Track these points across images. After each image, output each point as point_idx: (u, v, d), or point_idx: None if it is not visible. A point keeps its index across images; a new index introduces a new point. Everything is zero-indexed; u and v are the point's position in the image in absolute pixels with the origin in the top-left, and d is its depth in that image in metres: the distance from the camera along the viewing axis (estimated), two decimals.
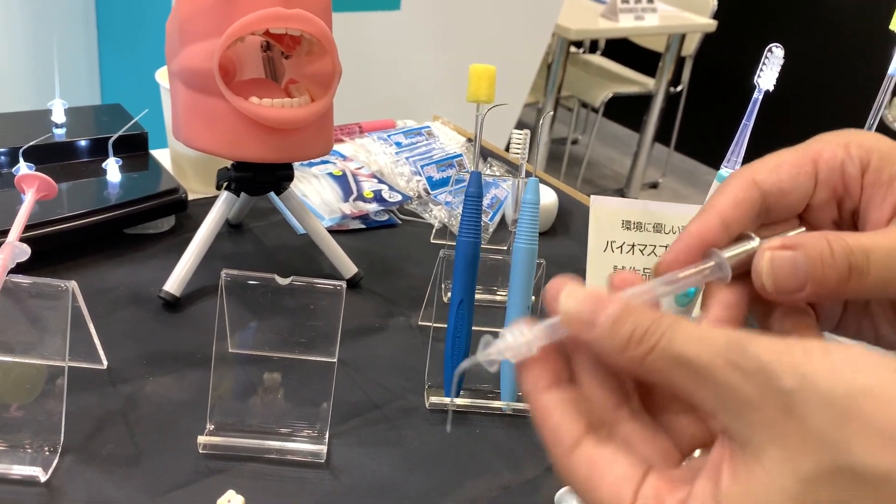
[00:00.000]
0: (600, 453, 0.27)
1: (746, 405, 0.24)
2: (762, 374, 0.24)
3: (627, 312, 0.27)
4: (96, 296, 0.71)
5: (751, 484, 0.24)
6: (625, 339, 0.27)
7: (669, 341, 0.26)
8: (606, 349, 0.27)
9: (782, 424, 0.23)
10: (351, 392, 0.64)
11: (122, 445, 0.56)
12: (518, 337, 0.29)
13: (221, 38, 0.62)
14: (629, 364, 0.27)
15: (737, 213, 0.32)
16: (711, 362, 0.25)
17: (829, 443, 0.23)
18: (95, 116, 0.90)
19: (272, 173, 0.71)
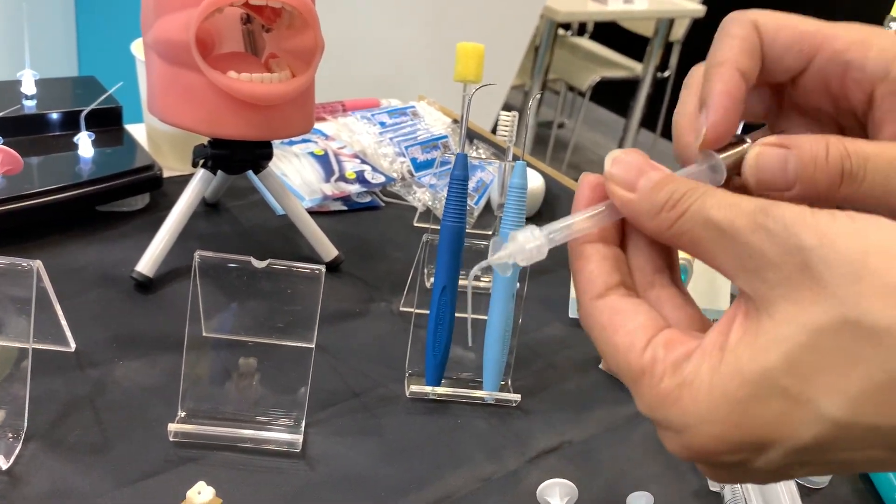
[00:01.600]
0: (625, 303, 0.29)
1: (766, 263, 0.25)
2: (785, 233, 0.24)
3: (668, 179, 0.28)
4: (66, 275, 0.68)
5: (758, 334, 0.25)
6: (660, 203, 0.28)
7: (701, 205, 0.27)
8: (642, 211, 0.28)
9: (797, 281, 0.24)
10: (329, 379, 0.62)
11: (89, 432, 0.54)
12: (530, 240, 0.29)
13: (198, 9, 0.59)
14: (659, 227, 0.28)
15: (751, 63, 0.31)
16: (738, 224, 0.25)
17: (839, 298, 0.23)
18: (68, 89, 0.87)
19: (251, 151, 0.69)
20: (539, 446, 0.60)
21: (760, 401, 0.24)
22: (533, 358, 0.69)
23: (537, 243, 0.29)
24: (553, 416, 0.63)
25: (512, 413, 0.62)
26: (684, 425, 0.26)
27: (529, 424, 0.61)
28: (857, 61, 0.31)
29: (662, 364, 0.27)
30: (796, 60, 0.32)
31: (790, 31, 0.32)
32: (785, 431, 0.24)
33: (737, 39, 0.32)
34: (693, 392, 0.26)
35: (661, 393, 0.26)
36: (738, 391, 0.25)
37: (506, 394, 0.63)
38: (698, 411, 0.26)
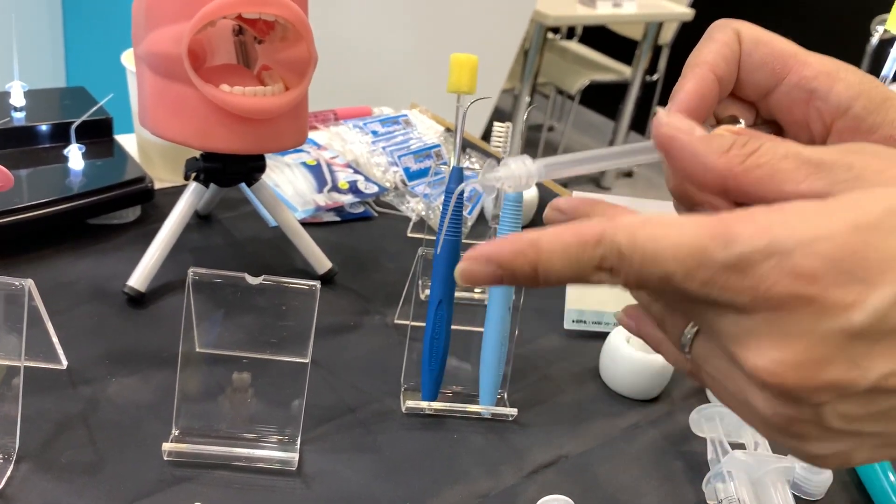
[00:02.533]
0: None
1: (868, 171, 0.24)
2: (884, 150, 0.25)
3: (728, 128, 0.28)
4: (57, 290, 0.67)
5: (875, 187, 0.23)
6: (728, 142, 0.27)
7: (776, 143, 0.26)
8: (706, 151, 0.27)
9: None
10: (324, 395, 0.62)
11: (82, 452, 0.53)
12: (520, 168, 0.29)
13: (191, 22, 0.58)
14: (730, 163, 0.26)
15: (727, 70, 0.32)
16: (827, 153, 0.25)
17: None
18: (57, 100, 0.86)
19: (243, 164, 0.68)
20: (536, 461, 0.59)
21: (882, 233, 0.22)
22: (529, 370, 0.68)
23: (528, 172, 0.30)
24: (550, 430, 0.62)
25: (509, 427, 0.62)
26: (792, 243, 0.23)
27: (526, 438, 0.61)
28: (823, 91, 0.31)
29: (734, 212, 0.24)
30: (768, 78, 0.32)
31: (768, 48, 0.32)
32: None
33: (718, 44, 0.32)
34: (799, 211, 0.23)
35: (750, 217, 0.23)
36: (858, 218, 0.22)
37: (502, 408, 0.62)
38: (810, 227, 0.23)
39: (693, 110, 0.31)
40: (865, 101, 0.31)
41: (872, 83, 0.31)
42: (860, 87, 0.31)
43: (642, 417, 0.65)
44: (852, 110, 0.31)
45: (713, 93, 0.32)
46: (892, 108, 0.31)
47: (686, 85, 0.31)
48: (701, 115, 0.31)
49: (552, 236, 0.25)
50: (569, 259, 0.25)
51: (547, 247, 0.25)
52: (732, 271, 0.23)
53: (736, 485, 0.55)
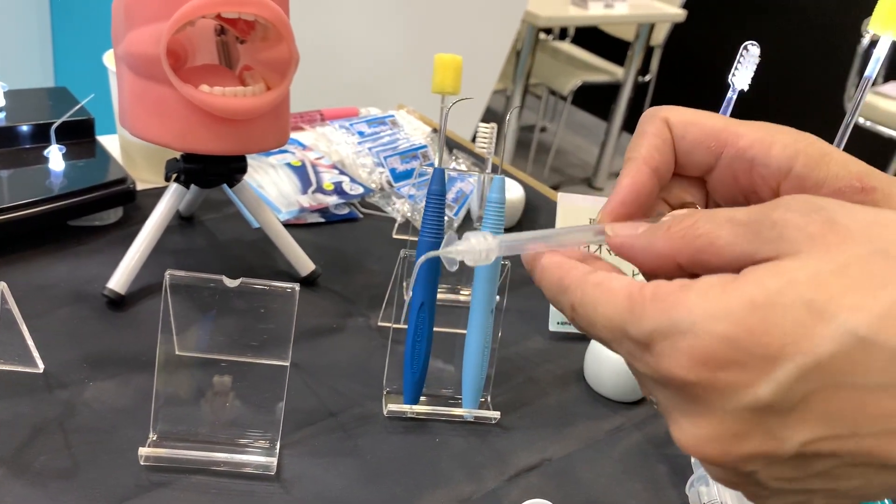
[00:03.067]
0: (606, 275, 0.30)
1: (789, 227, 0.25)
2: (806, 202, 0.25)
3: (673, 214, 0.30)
4: (35, 293, 0.67)
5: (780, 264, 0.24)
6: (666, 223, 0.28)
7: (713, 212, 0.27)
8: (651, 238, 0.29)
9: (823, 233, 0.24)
10: (305, 398, 0.61)
11: (57, 457, 0.53)
12: (481, 243, 0.31)
13: (169, 22, 0.58)
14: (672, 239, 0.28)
15: (662, 159, 0.33)
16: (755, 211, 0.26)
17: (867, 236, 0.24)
18: (39, 100, 0.85)
19: (224, 165, 0.68)
20: (519, 464, 0.59)
21: (779, 309, 0.23)
22: (513, 372, 0.68)
23: (487, 247, 0.31)
24: (533, 433, 0.62)
25: (491, 430, 0.61)
26: (688, 324, 0.24)
27: (509, 442, 0.61)
28: (761, 158, 0.32)
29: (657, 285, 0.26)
30: (705, 156, 0.34)
31: (698, 129, 0.34)
32: (802, 345, 0.23)
33: (649, 136, 0.34)
34: (702, 290, 0.25)
35: (661, 295, 0.25)
36: (756, 295, 0.23)
37: (485, 411, 0.62)
38: (707, 307, 0.24)
39: (631, 204, 0.33)
40: (804, 160, 0.32)
41: (807, 140, 0.32)
42: (796, 147, 0.32)
43: (626, 420, 0.65)
44: (794, 171, 0.32)
45: (650, 185, 0.33)
46: (832, 163, 0.31)
47: (622, 181, 0.33)
48: (641, 207, 0.33)
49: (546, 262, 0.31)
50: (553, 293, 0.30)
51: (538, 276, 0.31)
52: (641, 347, 0.25)
53: (719, 488, 0.54)
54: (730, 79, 0.55)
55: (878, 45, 0.50)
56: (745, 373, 0.23)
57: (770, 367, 0.23)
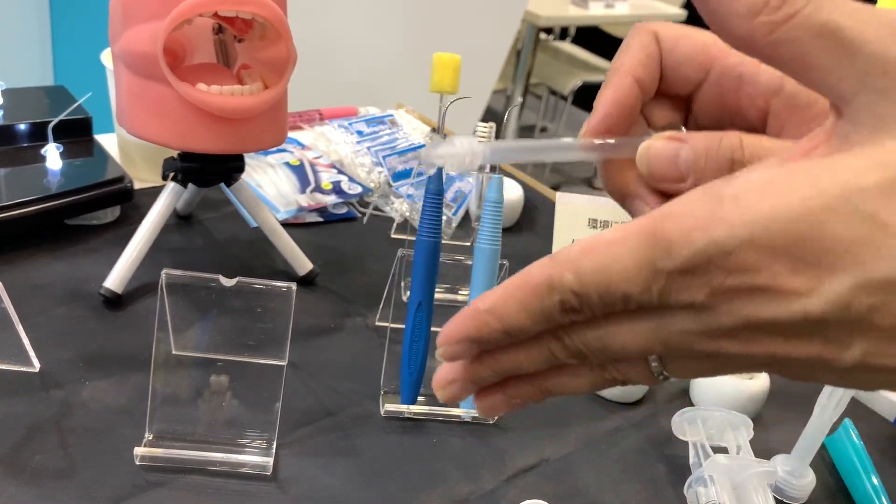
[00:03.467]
0: None
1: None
2: None
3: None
4: (32, 292, 0.66)
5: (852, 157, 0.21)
6: (760, 3, 0.23)
7: (817, 8, 0.22)
8: (733, 13, 0.24)
9: None
10: (302, 398, 0.61)
11: (53, 456, 0.52)
12: (464, 146, 0.29)
13: (166, 20, 0.57)
14: (757, 33, 0.23)
15: (647, 72, 0.31)
16: (868, 31, 0.21)
17: None
18: (36, 99, 0.85)
19: (222, 164, 0.67)
20: (517, 465, 0.59)
21: (837, 216, 0.20)
22: None
23: (472, 151, 0.29)
24: (531, 433, 0.62)
25: (489, 430, 0.61)
26: (734, 237, 0.21)
27: (507, 442, 0.60)
28: (750, 75, 0.31)
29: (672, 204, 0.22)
30: (693, 71, 0.32)
31: (689, 42, 0.32)
32: (863, 256, 0.20)
33: (634, 49, 0.32)
34: (739, 202, 0.21)
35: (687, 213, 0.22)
36: (808, 200, 0.20)
37: None
38: (750, 216, 0.21)
39: (614, 117, 0.31)
40: None
41: None
42: None
43: (625, 421, 0.64)
44: (785, 88, 0.30)
45: (633, 98, 0.31)
46: None
47: (605, 93, 0.31)
48: (623, 121, 0.31)
49: (504, 298, 0.25)
50: (532, 314, 0.24)
51: (505, 311, 0.25)
52: (683, 275, 0.22)
53: (717, 489, 0.54)
54: None
55: None
56: (799, 281, 0.21)
57: (826, 276, 0.20)
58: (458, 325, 0.26)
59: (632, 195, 0.31)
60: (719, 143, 0.29)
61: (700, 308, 0.22)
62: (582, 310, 0.24)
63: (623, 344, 0.24)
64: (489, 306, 0.25)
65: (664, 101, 0.33)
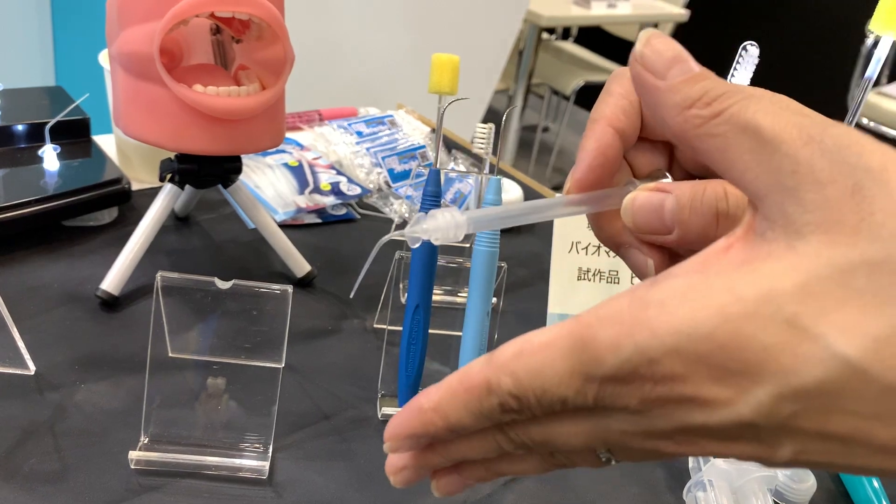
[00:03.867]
0: None
1: (810, 181, 0.21)
2: (845, 150, 0.21)
3: (704, 75, 0.25)
4: (28, 293, 0.66)
5: (768, 261, 0.21)
6: (694, 97, 0.25)
7: (743, 108, 0.23)
8: (669, 103, 0.25)
9: (841, 205, 0.20)
10: (299, 401, 0.60)
11: (47, 460, 0.52)
12: (448, 219, 0.30)
13: (162, 21, 0.57)
14: (687, 124, 0.25)
15: (628, 120, 0.31)
16: (787, 134, 0.22)
17: (888, 231, 0.20)
18: (34, 99, 0.84)
19: (219, 165, 0.67)
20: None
21: (756, 323, 0.20)
22: None
23: (455, 224, 0.30)
24: None
25: None
26: (658, 345, 0.21)
27: None
28: None
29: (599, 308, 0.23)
30: None
31: None
32: (784, 363, 0.20)
33: (615, 97, 0.32)
34: (663, 309, 0.21)
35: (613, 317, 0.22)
36: (727, 307, 0.20)
37: None
38: (673, 324, 0.21)
39: (597, 169, 0.31)
40: None
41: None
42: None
43: None
44: None
45: (614, 148, 0.31)
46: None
47: (587, 145, 0.31)
48: (607, 172, 0.31)
49: (447, 397, 0.25)
50: (474, 414, 0.25)
51: (448, 410, 0.25)
52: (614, 382, 0.22)
53: (717, 494, 0.54)
54: (728, 80, 0.54)
55: (879, 45, 0.50)
56: (723, 390, 0.21)
57: (748, 386, 0.21)
58: (403, 423, 0.26)
59: (625, 245, 0.31)
60: (703, 193, 0.29)
61: (634, 412, 0.23)
62: (522, 410, 0.24)
63: (566, 440, 0.25)
64: (433, 405, 0.25)
65: (648, 146, 0.33)
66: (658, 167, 0.34)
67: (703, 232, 0.29)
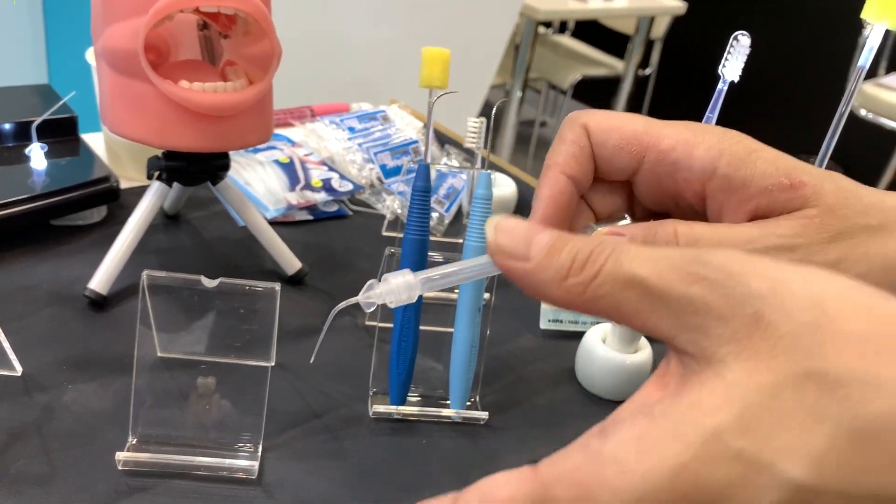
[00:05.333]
0: None
1: (712, 318, 0.22)
2: (730, 281, 0.22)
3: (563, 240, 0.25)
4: (16, 294, 0.65)
5: (703, 396, 0.22)
6: (565, 266, 0.25)
7: (617, 262, 0.24)
8: (545, 280, 0.25)
9: (750, 333, 0.21)
10: (289, 400, 0.60)
11: (34, 462, 0.51)
12: (400, 283, 0.31)
13: (146, 17, 0.56)
14: (570, 295, 0.25)
15: (580, 167, 0.33)
16: (669, 278, 0.23)
17: (800, 349, 0.21)
18: (21, 98, 0.84)
19: (207, 162, 0.66)
20: (509, 465, 0.57)
21: (709, 465, 0.21)
22: (503, 371, 0.67)
23: (408, 287, 0.31)
24: (524, 433, 0.61)
25: (480, 431, 0.60)
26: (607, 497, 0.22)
27: (499, 442, 0.59)
28: (684, 161, 0.32)
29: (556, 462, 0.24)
30: (627, 161, 0.33)
31: (618, 134, 0.33)
32: (745, 495, 0.21)
33: (566, 144, 0.33)
34: (620, 467, 0.22)
35: (569, 475, 0.23)
36: (679, 455, 0.21)
37: (473, 412, 0.60)
38: (634, 483, 0.21)
39: (552, 216, 0.32)
40: (729, 159, 0.31)
41: (732, 139, 0.31)
42: (720, 147, 0.31)
43: None
44: (718, 171, 0.31)
45: (567, 194, 0.32)
46: (759, 160, 0.30)
47: (541, 193, 0.32)
48: (563, 217, 0.32)
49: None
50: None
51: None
52: None
53: None
54: (720, 70, 0.54)
55: (871, 34, 0.49)
56: None
57: None
58: None
59: None
60: (654, 235, 0.30)
61: None
62: None
63: None
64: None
65: (607, 187, 0.34)
66: (617, 208, 0.35)
67: None
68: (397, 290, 0.31)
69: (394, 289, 0.31)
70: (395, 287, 0.31)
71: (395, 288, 0.31)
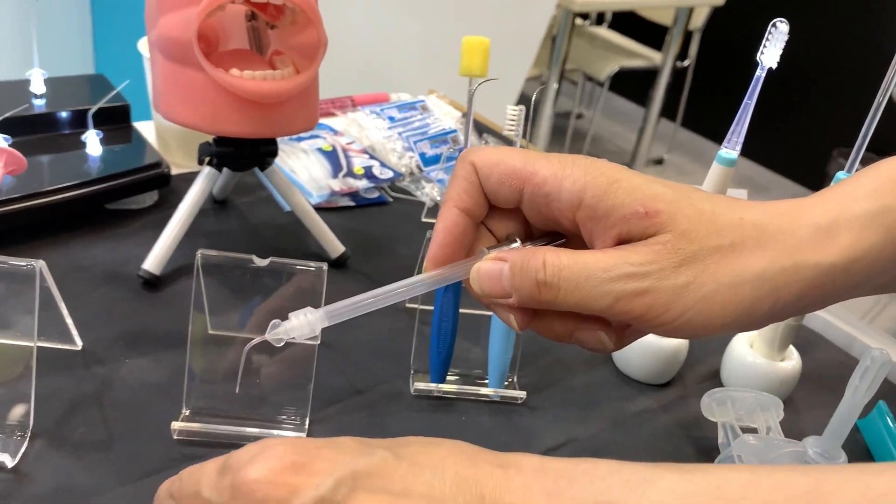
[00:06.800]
0: None
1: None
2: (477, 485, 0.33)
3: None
4: (74, 273, 0.69)
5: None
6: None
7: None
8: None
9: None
10: (333, 376, 0.62)
11: (94, 430, 0.54)
12: (301, 320, 0.36)
13: (199, 7, 0.59)
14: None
15: (471, 200, 0.37)
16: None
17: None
18: (77, 87, 0.87)
19: (255, 148, 0.69)
20: (545, 444, 0.59)
21: None
22: (540, 353, 0.68)
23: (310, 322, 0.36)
24: (559, 413, 0.62)
25: (517, 410, 0.62)
26: None
27: (535, 421, 0.61)
28: (554, 193, 0.35)
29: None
30: (510, 193, 0.36)
31: (500, 169, 0.36)
32: None
33: (458, 180, 0.37)
34: None
35: None
36: None
37: (511, 391, 0.62)
38: None
39: (448, 246, 0.37)
40: (592, 191, 0.34)
41: (597, 171, 0.34)
42: (584, 180, 0.34)
43: (654, 402, 0.65)
44: (584, 201, 0.34)
45: (461, 226, 0.37)
46: (619, 191, 0.34)
47: (437, 225, 0.37)
48: (459, 247, 0.37)
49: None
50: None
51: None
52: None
53: None
54: (758, 56, 0.54)
55: None
56: None
57: None
58: None
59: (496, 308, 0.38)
60: (528, 262, 0.34)
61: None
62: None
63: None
64: None
65: (502, 213, 0.38)
66: (513, 230, 0.38)
67: (530, 297, 0.34)
68: (299, 326, 0.36)
69: (296, 326, 0.36)
70: (297, 325, 0.36)
71: (296, 325, 0.36)
